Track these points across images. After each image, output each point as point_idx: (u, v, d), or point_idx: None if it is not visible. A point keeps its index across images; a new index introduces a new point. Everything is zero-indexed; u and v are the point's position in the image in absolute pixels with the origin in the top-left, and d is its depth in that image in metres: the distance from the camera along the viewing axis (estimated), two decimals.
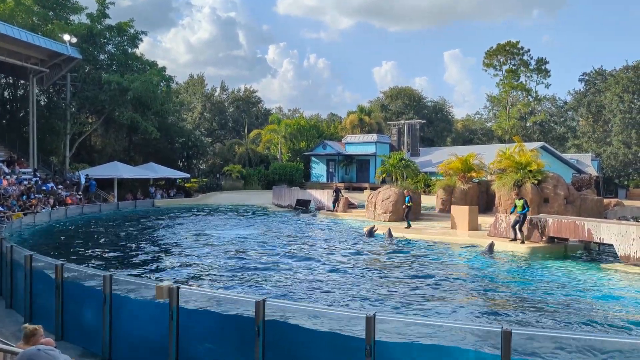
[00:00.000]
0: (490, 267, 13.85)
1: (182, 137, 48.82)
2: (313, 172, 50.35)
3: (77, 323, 7.50)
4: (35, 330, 4.57)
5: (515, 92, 65.57)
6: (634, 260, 13.36)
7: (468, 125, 73.31)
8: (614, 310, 9.55)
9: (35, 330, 4.56)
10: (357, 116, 57.86)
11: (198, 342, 6.08)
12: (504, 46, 64.30)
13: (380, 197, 24.89)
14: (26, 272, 8.47)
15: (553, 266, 13.78)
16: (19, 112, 40.72)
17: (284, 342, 5.55)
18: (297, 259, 14.57)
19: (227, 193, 41.95)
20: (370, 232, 19.58)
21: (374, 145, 46.85)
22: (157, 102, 38.23)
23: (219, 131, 65.39)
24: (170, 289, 6.01)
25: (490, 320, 8.81)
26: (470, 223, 19.70)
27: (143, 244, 17.67)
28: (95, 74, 38.15)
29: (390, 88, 72.81)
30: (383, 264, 14.06)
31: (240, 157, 50.92)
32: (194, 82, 67.70)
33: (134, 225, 23.93)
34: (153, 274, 12.48)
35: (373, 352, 4.77)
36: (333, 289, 10.95)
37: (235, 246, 17.05)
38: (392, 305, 9.62)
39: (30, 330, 4.55)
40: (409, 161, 37.80)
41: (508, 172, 23.34)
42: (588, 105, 55.63)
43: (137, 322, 6.75)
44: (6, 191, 25.41)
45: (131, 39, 40.88)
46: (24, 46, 29.72)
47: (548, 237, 15.92)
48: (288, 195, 33.74)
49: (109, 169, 36.14)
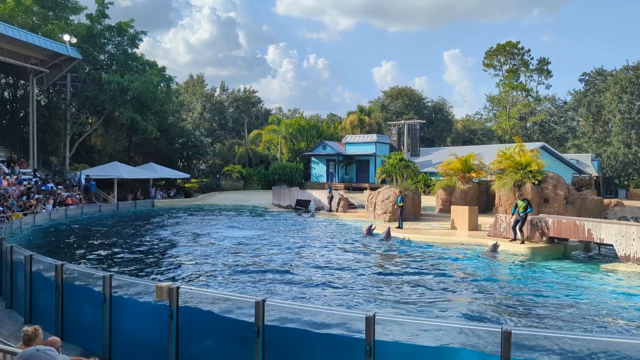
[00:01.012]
0: (490, 267, 13.84)
1: (182, 137, 48.86)
2: (313, 173, 50.35)
3: (77, 323, 7.50)
4: (35, 331, 4.52)
5: (515, 92, 65.59)
6: (634, 260, 13.36)
7: (468, 125, 73.30)
8: (614, 310, 9.55)
9: (36, 332, 4.52)
10: (357, 116, 57.88)
11: (198, 342, 6.08)
12: (504, 46, 64.33)
13: (380, 198, 24.88)
14: (26, 272, 8.46)
15: (553, 266, 13.77)
16: (19, 112, 40.72)
17: (283, 342, 5.54)
18: (296, 259, 14.56)
19: (227, 193, 41.96)
20: (369, 231, 19.63)
21: (374, 146, 46.86)
22: (157, 102, 38.24)
23: (218, 131, 65.42)
24: (170, 289, 6.01)
25: (489, 320, 8.80)
26: (470, 223, 19.69)
27: (142, 244, 17.66)
28: (95, 74, 38.15)
29: (390, 88, 72.88)
30: (381, 264, 14.06)
31: (240, 157, 50.94)
32: (194, 83, 67.76)
33: (134, 225, 23.93)
34: (153, 274, 12.48)
35: (373, 352, 4.77)
36: (332, 289, 10.95)
37: (234, 246, 17.04)
38: (392, 306, 9.62)
39: (30, 334, 4.49)
40: (408, 161, 37.79)
41: (508, 172, 23.35)
42: (588, 105, 55.63)
43: (137, 322, 6.75)
44: (6, 191, 25.41)
45: (131, 39, 40.87)
46: (24, 46, 29.71)
47: (548, 237, 15.92)
48: (288, 196, 33.74)
49: (109, 169, 36.14)
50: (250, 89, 69.64)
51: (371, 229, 19.82)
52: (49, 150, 39.01)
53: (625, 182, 51.53)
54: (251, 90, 69.56)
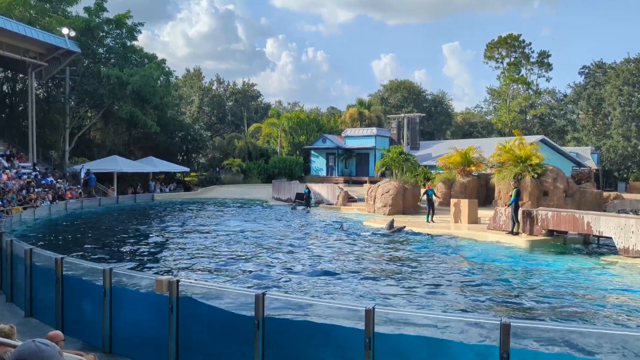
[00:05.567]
0: (489, 260, 13.86)
1: (182, 131, 48.76)
2: (313, 166, 50.31)
3: (77, 316, 7.52)
4: (11, 329, 4.36)
5: (516, 85, 65.41)
6: (633, 253, 13.39)
7: (468, 118, 73.14)
8: (613, 303, 9.58)
9: (12, 330, 4.36)
10: (357, 110, 57.70)
11: (198, 335, 6.11)
12: (506, 39, 64.03)
13: (380, 191, 24.90)
14: (26, 266, 8.47)
15: (552, 259, 13.80)
16: (18, 106, 40.62)
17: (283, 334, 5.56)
18: (295, 252, 14.59)
19: (227, 187, 41.96)
20: (391, 225, 18.57)
21: (374, 139, 46.77)
22: (156, 96, 38.13)
23: (218, 125, 65.29)
24: (170, 282, 6.03)
25: (488, 312, 8.83)
26: (470, 216, 19.72)
27: (142, 238, 17.68)
28: (94, 68, 38.02)
29: (390, 81, 72.59)
30: (381, 256, 14.08)
31: (240, 150, 50.88)
32: (191, 76, 67.49)
33: (134, 218, 23.95)
34: (152, 267, 12.51)
35: (372, 345, 4.79)
36: (331, 282, 10.97)
37: (234, 239, 17.07)
38: (391, 298, 9.65)
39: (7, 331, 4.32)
40: (408, 155, 37.67)
41: (507, 165, 23.34)
42: (588, 98, 55.48)
43: (138, 315, 6.76)
44: (6, 185, 25.41)
45: (129, 31, 40.68)
46: (23, 40, 29.59)
47: (547, 230, 15.94)
48: (288, 189, 33.79)
49: (109, 163, 36.14)
50: (249, 83, 69.42)
51: (392, 224, 18.69)
52: (48, 144, 38.95)
53: (625, 175, 51.48)
54: (250, 84, 69.30)
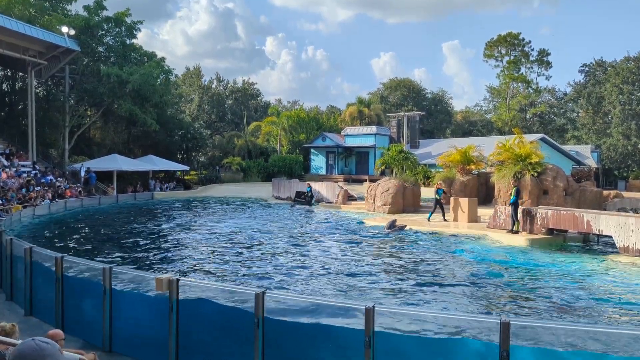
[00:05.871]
0: (489, 258, 13.86)
1: (181, 129, 48.72)
2: (312, 164, 50.30)
3: (77, 315, 7.52)
4: (12, 327, 4.38)
5: (516, 83, 65.35)
6: (633, 251, 13.39)
7: (467, 117, 73.08)
8: (613, 301, 9.58)
9: (13, 328, 4.37)
10: (357, 108, 57.67)
11: (198, 334, 6.11)
12: (505, 37, 63.98)
13: (380, 189, 24.89)
14: (26, 265, 8.47)
15: (552, 257, 13.80)
16: (18, 104, 40.56)
17: (283, 334, 5.56)
18: (297, 251, 14.59)
19: (227, 185, 41.94)
20: (392, 224, 18.45)
21: (374, 137, 46.76)
22: (156, 94, 38.09)
23: (217, 123, 65.26)
24: (170, 281, 6.03)
25: (488, 311, 8.84)
26: (470, 215, 19.72)
27: (142, 236, 17.68)
28: (94, 66, 37.97)
29: (390, 79, 72.56)
30: (381, 255, 14.08)
31: (239, 149, 50.86)
32: (191, 74, 67.43)
33: (134, 217, 23.95)
34: (153, 266, 12.51)
35: (372, 343, 4.79)
36: (331, 280, 10.98)
37: (234, 238, 17.07)
38: (390, 297, 9.65)
39: (8, 330, 4.34)
40: (408, 153, 37.73)
41: (507, 164, 23.34)
42: (588, 96, 55.45)
43: (138, 314, 6.77)
44: (5, 184, 25.40)
45: (129, 30, 40.62)
46: (22, 38, 29.54)
47: (547, 228, 15.95)
48: (287, 188, 33.78)
49: (108, 161, 36.11)
50: (248, 81, 69.34)
51: (394, 223, 18.52)
52: (48, 142, 38.91)
53: (625, 174, 51.47)
54: (250, 82, 69.23)
